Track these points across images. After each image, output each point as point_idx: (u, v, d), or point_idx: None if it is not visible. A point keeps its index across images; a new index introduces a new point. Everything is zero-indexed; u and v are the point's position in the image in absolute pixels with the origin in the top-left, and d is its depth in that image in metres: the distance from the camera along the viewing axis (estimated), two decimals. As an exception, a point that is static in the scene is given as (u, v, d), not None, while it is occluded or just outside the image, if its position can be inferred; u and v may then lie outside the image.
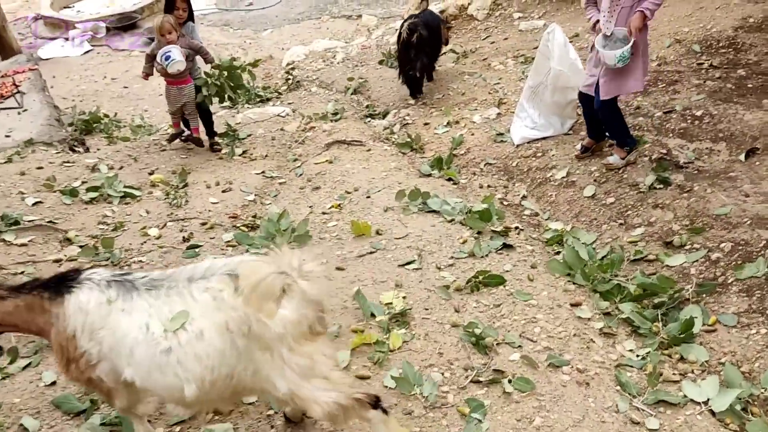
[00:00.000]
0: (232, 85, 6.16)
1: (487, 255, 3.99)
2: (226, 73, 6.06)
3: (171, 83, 5.90)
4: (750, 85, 5.32)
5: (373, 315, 3.41)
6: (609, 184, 4.58)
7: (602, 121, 4.65)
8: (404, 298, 3.58)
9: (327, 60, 10.16)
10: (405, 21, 6.91)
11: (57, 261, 4.23)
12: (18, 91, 7.46)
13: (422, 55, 6.84)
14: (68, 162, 5.96)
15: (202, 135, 6.27)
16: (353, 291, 3.68)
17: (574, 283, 3.68)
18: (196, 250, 4.39)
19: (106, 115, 8.10)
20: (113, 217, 5.02)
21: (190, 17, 5.90)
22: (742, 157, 4.41)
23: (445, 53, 8.20)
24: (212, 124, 6.40)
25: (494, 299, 3.53)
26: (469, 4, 9.41)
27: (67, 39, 12.67)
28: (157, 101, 8.70)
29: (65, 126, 7.21)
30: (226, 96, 6.16)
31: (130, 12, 13.25)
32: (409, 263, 3.92)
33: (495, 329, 3.23)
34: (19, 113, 7.07)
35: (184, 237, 4.58)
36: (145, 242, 4.57)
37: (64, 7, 14.04)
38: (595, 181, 4.68)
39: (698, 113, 5.08)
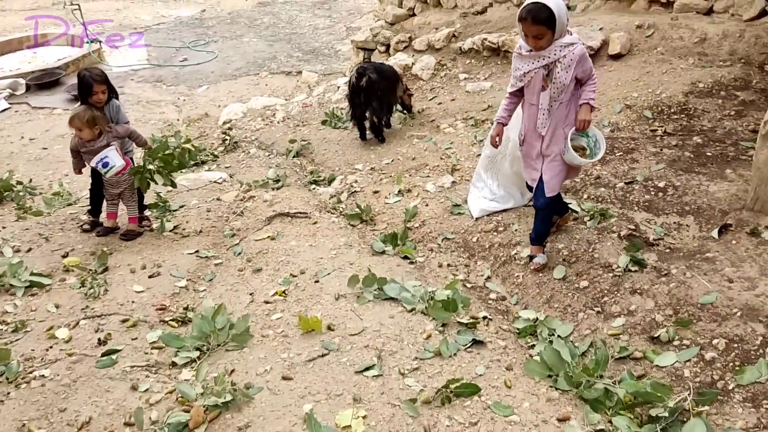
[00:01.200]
0: (168, 170, 5.48)
1: (455, 354, 3.50)
2: (159, 160, 5.40)
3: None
4: (709, 154, 5.15)
5: (328, 445, 2.84)
6: (580, 265, 4.21)
7: (539, 217, 4.33)
8: (364, 417, 3.03)
9: (266, 119, 9.68)
10: (355, 67, 6.97)
11: (-64, 379, 3.47)
12: None
13: (373, 99, 6.91)
14: (-34, 243, 5.17)
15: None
16: (303, 411, 3.10)
17: (556, 389, 3.23)
18: (114, 356, 3.71)
19: (20, 182, 7.29)
20: (14, 313, 4.28)
21: (113, 94, 5.27)
22: (714, 233, 4.15)
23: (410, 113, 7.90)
24: (143, 199, 5.76)
25: (469, 414, 3.03)
26: (413, 63, 9.19)
27: (-18, 96, 11.77)
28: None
29: (-32, 198, 6.38)
30: (162, 183, 5.47)
31: (52, 68, 12.48)
32: (367, 369, 3.39)
33: (475, 459, 2.72)
34: None
35: (99, 339, 3.90)
36: (51, 347, 3.85)
37: (-20, 62, 13.16)
38: (564, 260, 4.31)
39: (661, 184, 4.85)
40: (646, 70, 6.64)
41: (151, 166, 5.28)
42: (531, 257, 4.39)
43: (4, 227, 5.70)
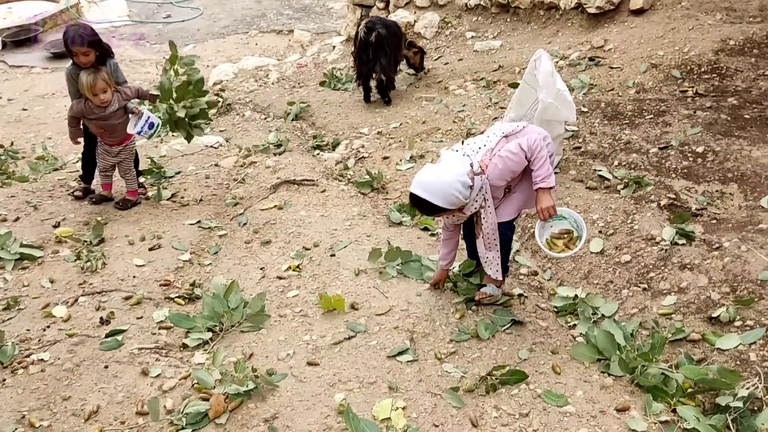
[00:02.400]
0: (201, 119, 5.04)
1: (493, 335, 3.23)
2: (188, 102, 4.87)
3: (111, 143, 4.83)
4: (747, 116, 4.86)
5: (368, 441, 2.56)
6: (618, 237, 3.94)
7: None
8: (404, 409, 2.75)
9: (260, 80, 9.22)
10: (361, 21, 6.66)
11: None
12: None
13: (381, 55, 6.60)
14: (-53, 213, 4.75)
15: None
16: (335, 401, 2.82)
17: (608, 374, 2.97)
18: (119, 337, 3.38)
19: (1, 146, 6.81)
20: (5, 289, 3.91)
21: (107, 53, 4.73)
22: (764, 202, 3.89)
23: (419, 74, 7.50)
24: (138, 163, 5.35)
25: (518, 404, 2.77)
26: (415, 21, 8.73)
27: (-44, 54, 11.09)
28: (63, 126, 7.43)
29: (-54, 162, 5.92)
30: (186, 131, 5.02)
31: (29, 24, 11.76)
32: (400, 353, 3.10)
33: (532, 456, 2.46)
34: None
35: (101, 318, 3.56)
36: (48, 327, 3.51)
37: (-48, 18, 12.39)
38: (600, 232, 4.03)
39: (699, 149, 4.56)
40: (671, 26, 6.28)
41: (180, 114, 4.84)
42: (479, 285, 3.52)
43: (-13, 195, 5.26)
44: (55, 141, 7.63)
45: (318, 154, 6.12)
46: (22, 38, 11.42)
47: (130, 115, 4.71)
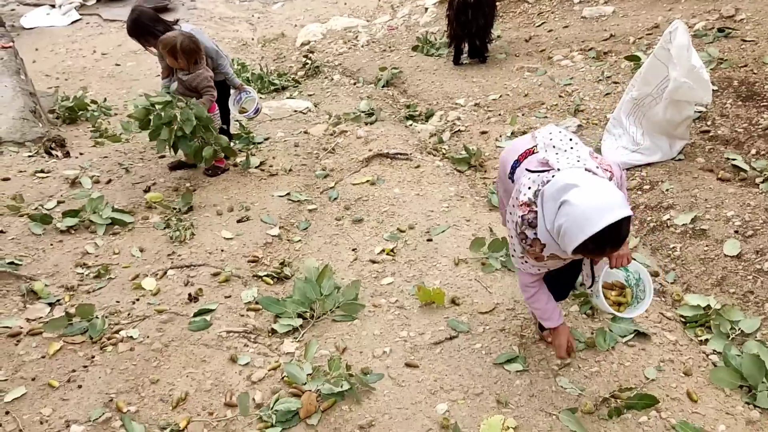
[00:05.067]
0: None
1: (613, 347, 2.87)
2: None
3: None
4: None
5: (478, 465, 2.29)
6: (760, 239, 3.43)
7: None
8: (515, 429, 2.45)
9: (348, 42, 8.90)
10: None
11: (14, 336, 3.06)
12: (-13, 74, 6.20)
13: (480, 16, 6.30)
14: (42, 172, 4.76)
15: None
16: (438, 412, 2.55)
17: (755, 406, 2.56)
18: (207, 317, 3.23)
19: (94, 101, 6.85)
20: (96, 255, 3.85)
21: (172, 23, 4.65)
22: None
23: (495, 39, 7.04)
24: (229, 124, 5.22)
25: (648, 435, 2.42)
26: (516, -18, 8.13)
27: (53, 6, 11.33)
28: (155, 83, 7.46)
29: (42, 118, 5.98)
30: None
31: (124, -22, 11.85)
32: (509, 361, 2.79)
33: (669, 502, 2.12)
34: (-14, 102, 5.83)
35: (190, 294, 3.43)
36: (137, 300, 3.41)
37: (51, -29, 12.64)
38: (736, 233, 3.53)
39: None
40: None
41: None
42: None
43: (81, 153, 5.27)
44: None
45: (411, 125, 5.79)
46: (117, -8, 11.53)
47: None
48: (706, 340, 2.99)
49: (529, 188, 2.15)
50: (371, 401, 2.65)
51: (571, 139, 2.25)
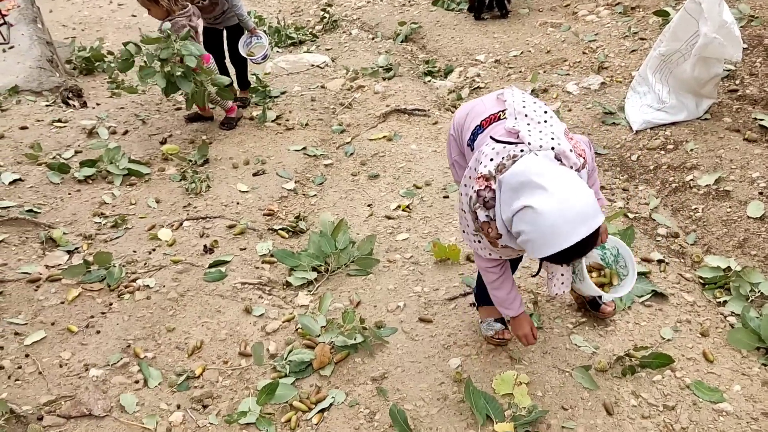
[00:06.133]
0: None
1: (629, 307, 2.84)
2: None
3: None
4: None
5: (489, 418, 2.30)
6: (784, 202, 3.35)
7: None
8: (528, 384, 2.45)
9: (368, -5, 8.70)
10: None
11: (33, 281, 3.11)
12: (4, 23, 6.17)
13: None
14: (60, 121, 4.77)
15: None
16: (451, 366, 2.56)
17: (771, 368, 2.54)
18: (223, 269, 3.25)
19: (110, 53, 6.80)
20: (113, 205, 3.87)
21: None
22: None
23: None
24: (246, 73, 5.18)
25: (662, 394, 2.40)
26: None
27: (69, -44, 11.17)
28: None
29: (59, 68, 5.95)
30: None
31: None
32: (523, 318, 2.78)
33: (681, 460, 2.12)
34: (3, 50, 5.82)
35: (205, 246, 3.44)
36: (153, 250, 3.43)
37: None
38: (761, 194, 3.45)
39: None
40: None
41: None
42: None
43: (98, 104, 5.26)
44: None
45: (429, 81, 5.69)
46: (133, -57, 11.31)
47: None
48: (725, 301, 2.95)
49: (491, 159, 1.87)
50: (384, 354, 2.66)
51: (546, 112, 1.99)
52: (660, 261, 3.16)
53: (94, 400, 2.43)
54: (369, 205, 3.83)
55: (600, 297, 2.69)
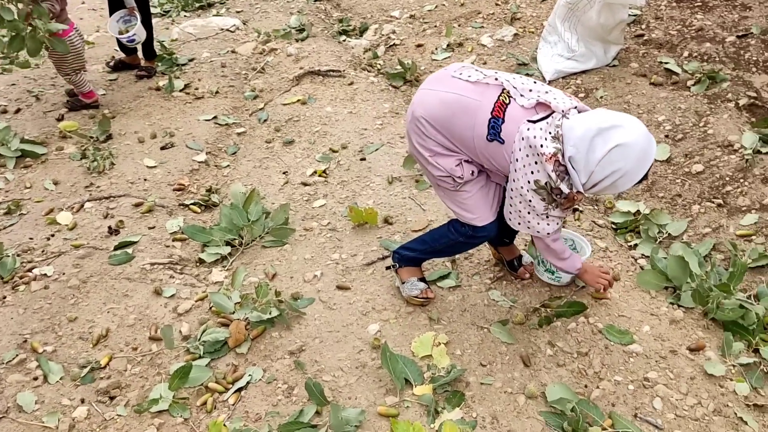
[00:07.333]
0: None
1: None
2: None
3: None
4: None
5: (408, 382, 2.27)
6: (689, 143, 3.43)
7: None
8: (447, 344, 2.44)
9: (277, -47, 8.34)
10: None
11: None
12: None
13: None
14: (-59, 103, 4.37)
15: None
16: (369, 333, 2.52)
17: (678, 305, 2.61)
18: (129, 250, 3.07)
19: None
20: (6, 190, 3.60)
21: None
22: None
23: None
24: (152, 42, 4.86)
25: (576, 341, 2.44)
26: None
27: None
28: (73, 4, 6.86)
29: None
30: None
31: None
32: (441, 278, 2.76)
33: (593, 405, 2.15)
34: None
35: (110, 227, 3.24)
36: (52, 236, 3.21)
37: None
38: (666, 137, 3.53)
39: (786, 40, 3.92)
40: None
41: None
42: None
43: (-16, 83, 4.85)
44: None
45: (344, 40, 5.53)
46: None
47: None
48: (636, 245, 3.02)
49: (546, 139, 1.96)
50: (302, 326, 2.59)
51: (530, 79, 2.16)
52: (575, 210, 3.19)
53: (-10, 402, 2.27)
54: (284, 173, 3.70)
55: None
